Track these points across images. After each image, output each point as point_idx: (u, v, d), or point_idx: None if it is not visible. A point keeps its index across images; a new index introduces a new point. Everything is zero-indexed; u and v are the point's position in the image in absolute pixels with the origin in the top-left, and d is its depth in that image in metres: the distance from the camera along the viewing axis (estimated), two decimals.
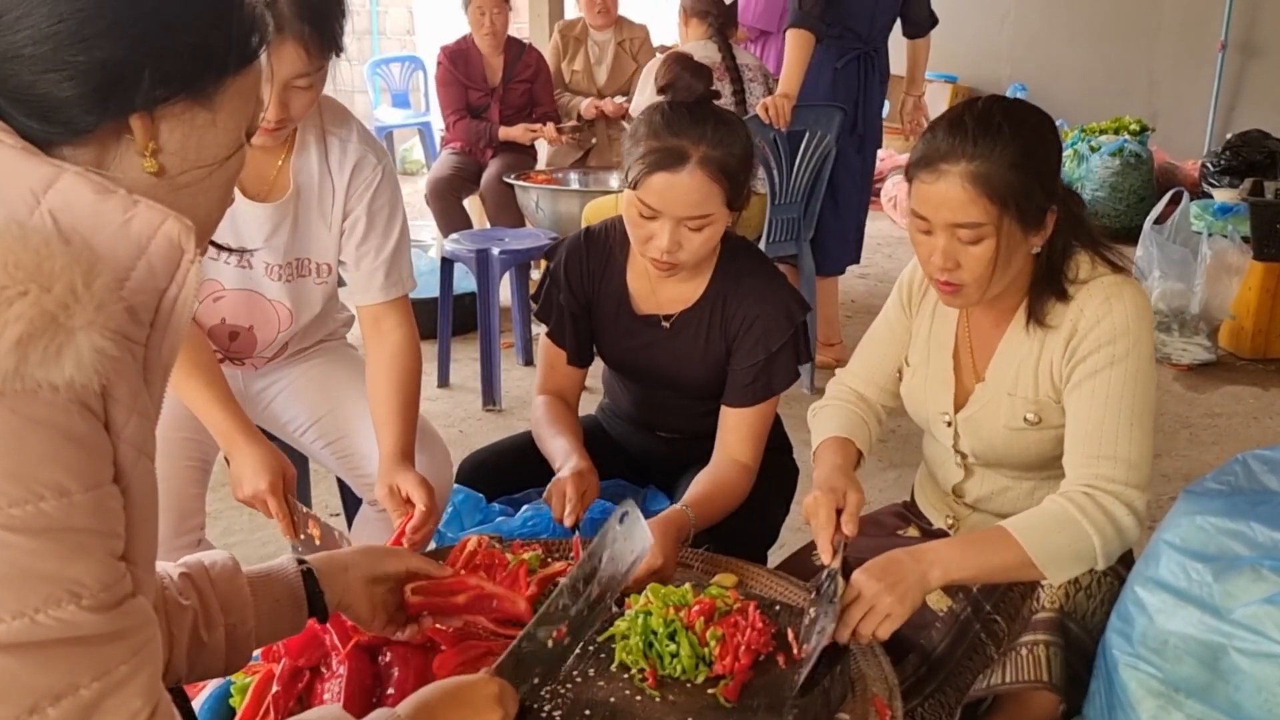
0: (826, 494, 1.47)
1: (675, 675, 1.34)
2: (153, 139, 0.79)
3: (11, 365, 0.63)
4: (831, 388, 1.82)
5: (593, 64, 5.00)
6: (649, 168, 1.65)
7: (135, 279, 0.74)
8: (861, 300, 5.07)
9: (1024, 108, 1.49)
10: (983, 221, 1.40)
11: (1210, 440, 3.45)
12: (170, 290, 0.75)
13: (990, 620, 1.49)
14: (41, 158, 0.73)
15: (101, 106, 0.75)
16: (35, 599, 0.66)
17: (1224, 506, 1.19)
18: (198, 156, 0.82)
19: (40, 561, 0.66)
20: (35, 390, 0.65)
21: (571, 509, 1.64)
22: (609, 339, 1.94)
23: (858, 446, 1.68)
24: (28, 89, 0.73)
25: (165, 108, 0.78)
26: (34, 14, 0.73)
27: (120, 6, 0.75)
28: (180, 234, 0.74)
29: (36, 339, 0.64)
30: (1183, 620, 1.16)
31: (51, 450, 0.67)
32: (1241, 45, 6.77)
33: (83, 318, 0.66)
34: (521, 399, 3.67)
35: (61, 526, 0.67)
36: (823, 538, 1.44)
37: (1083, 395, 1.46)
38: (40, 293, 0.64)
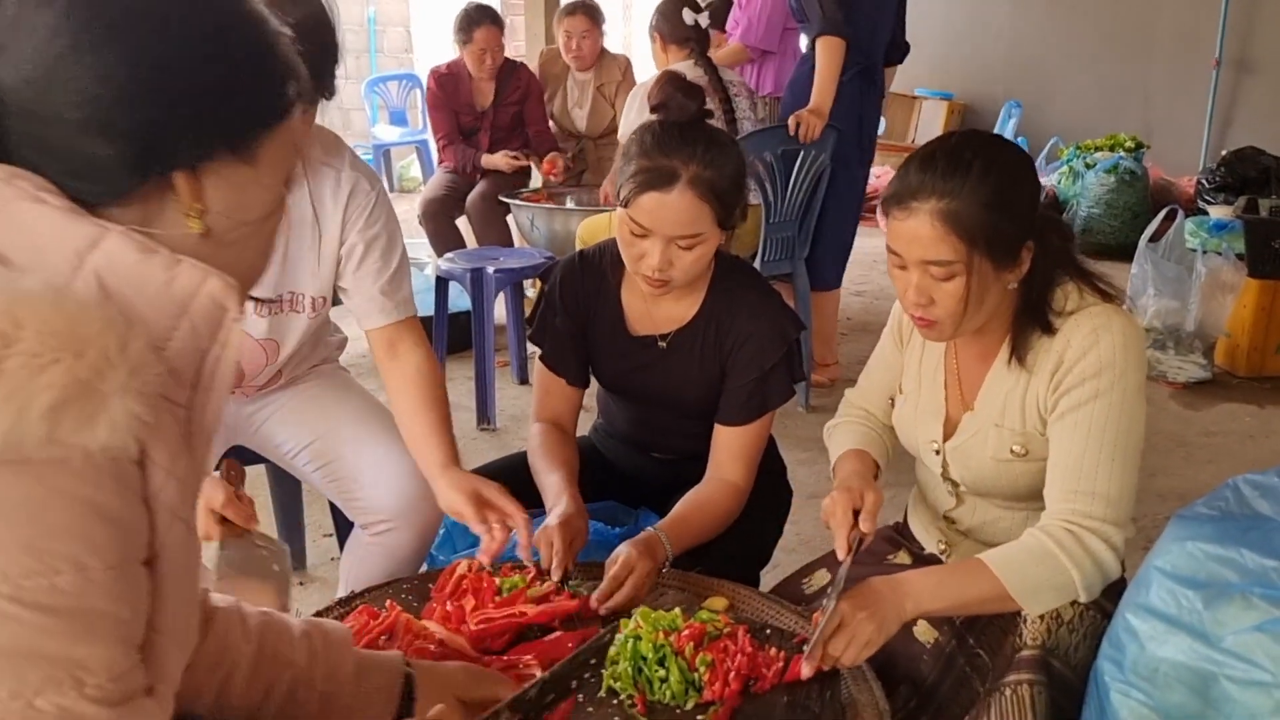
0: (844, 493, 1.51)
1: (664, 701, 1.34)
2: (198, 198, 0.78)
3: (43, 432, 0.63)
4: (843, 407, 1.83)
5: (571, 107, 4.94)
6: (639, 187, 1.65)
7: (178, 339, 0.73)
8: (857, 317, 5.07)
9: (998, 144, 1.48)
10: (953, 259, 1.40)
11: (1206, 459, 3.44)
12: (213, 350, 0.75)
13: (974, 654, 1.49)
14: (87, 218, 0.73)
15: (143, 166, 0.75)
16: (36, 680, 0.64)
17: (1214, 532, 1.18)
18: (243, 213, 0.82)
19: (46, 640, 0.64)
20: (66, 459, 0.64)
21: (559, 561, 1.60)
22: (605, 360, 1.94)
23: (874, 458, 1.70)
24: (70, 151, 0.73)
25: (207, 165, 0.78)
26: (74, 79, 0.72)
27: (157, 68, 0.75)
28: (222, 293, 0.74)
29: (69, 406, 0.63)
30: (1173, 648, 1.16)
31: (74, 523, 0.65)
32: (1236, 62, 6.80)
33: (116, 382, 0.65)
34: (516, 417, 3.66)
35: (74, 605, 0.65)
36: (840, 535, 1.47)
37: (1065, 428, 1.46)
38: (73, 359, 0.64)
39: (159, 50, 0.75)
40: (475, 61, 4.60)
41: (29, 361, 0.62)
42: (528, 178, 4.91)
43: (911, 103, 8.03)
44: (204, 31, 0.77)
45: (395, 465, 1.84)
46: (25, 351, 0.62)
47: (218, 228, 0.80)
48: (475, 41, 4.55)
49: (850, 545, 1.46)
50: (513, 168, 4.71)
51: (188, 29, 0.76)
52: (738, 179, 1.71)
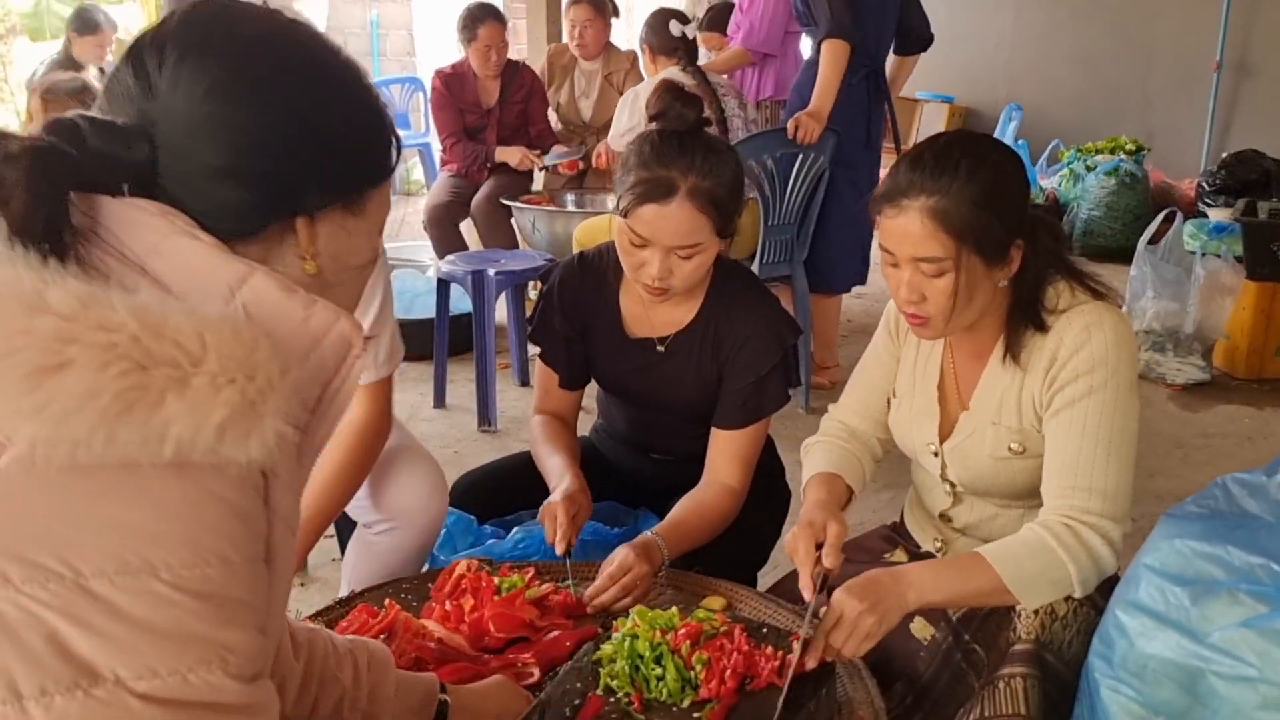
0: (805, 529, 1.48)
1: (661, 699, 1.35)
2: (312, 243, 0.87)
3: (211, 443, 0.70)
4: (824, 424, 1.82)
5: (578, 96, 4.96)
6: (638, 199, 1.66)
7: (307, 370, 0.80)
8: (858, 320, 5.07)
9: (987, 144, 1.50)
10: (942, 256, 1.42)
11: (1204, 460, 3.45)
12: (334, 382, 0.82)
13: (970, 649, 1.50)
14: (234, 256, 0.79)
15: (271, 211, 0.84)
16: (190, 658, 0.71)
17: (1202, 530, 1.20)
18: (348, 259, 0.91)
19: (200, 623, 0.72)
20: (221, 467, 0.72)
21: (563, 534, 1.65)
22: (603, 362, 1.96)
23: (846, 482, 1.68)
24: (209, 191, 0.82)
25: (325, 214, 0.87)
26: (221, 128, 0.81)
27: (293, 124, 0.84)
28: (350, 332, 0.82)
29: (235, 422, 0.71)
30: (1162, 644, 1.17)
31: (222, 522, 0.73)
32: (1236, 65, 6.81)
33: (273, 405, 0.73)
34: (517, 419, 3.68)
35: (222, 594, 0.73)
36: (804, 573, 1.45)
37: (1060, 424, 1.47)
38: (245, 382, 0.71)
39: (296, 108, 0.84)
40: (480, 58, 4.62)
41: (211, 381, 0.70)
42: (530, 180, 4.93)
43: (913, 105, 8.03)
44: (333, 94, 0.88)
45: (403, 465, 1.86)
46: (209, 372, 0.70)
47: (326, 270, 0.89)
48: (480, 38, 4.57)
49: (814, 582, 1.43)
50: (526, 165, 4.73)
51: (320, 91, 0.87)
52: (736, 187, 1.72)
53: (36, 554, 0.68)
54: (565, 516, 1.67)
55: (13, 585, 0.68)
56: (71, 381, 0.67)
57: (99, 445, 0.68)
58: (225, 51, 0.83)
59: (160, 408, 0.69)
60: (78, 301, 0.69)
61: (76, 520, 0.69)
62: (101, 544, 0.69)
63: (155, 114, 0.81)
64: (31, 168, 0.74)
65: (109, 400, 0.67)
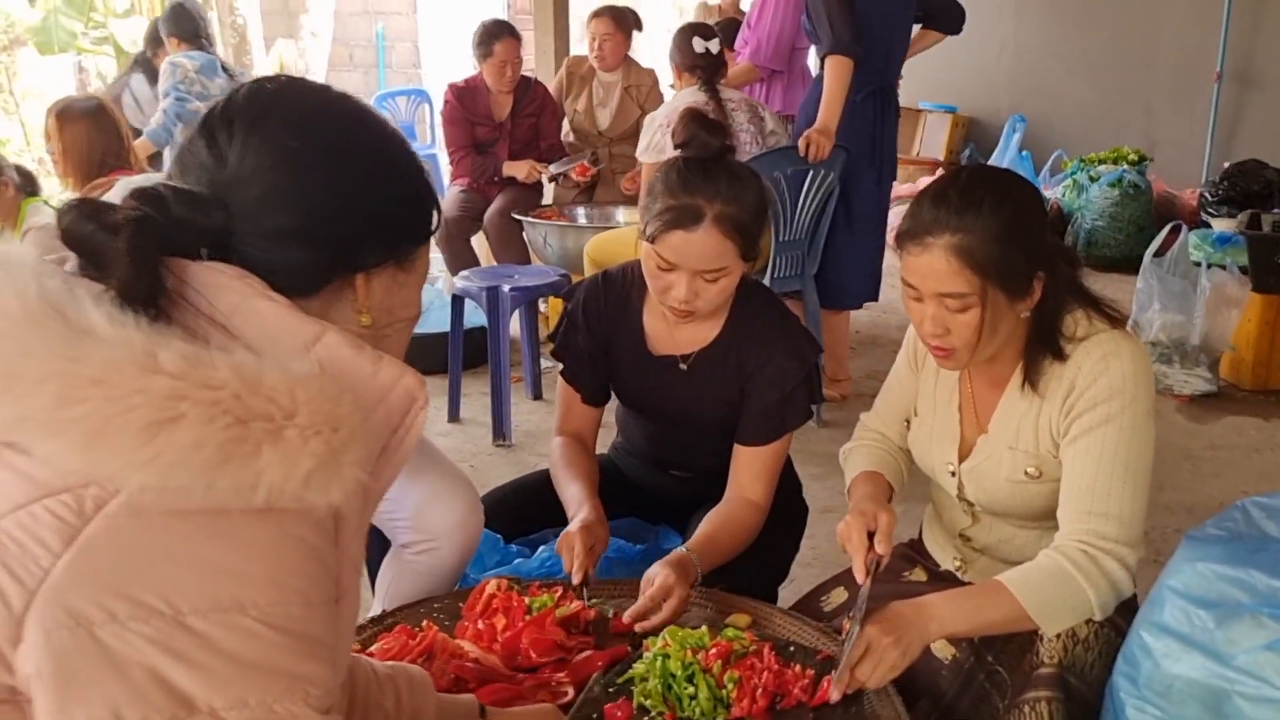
0: (857, 517, 1.55)
1: (694, 717, 1.38)
2: (368, 297, 0.95)
3: (298, 490, 0.76)
4: (858, 430, 1.87)
5: (595, 105, 5.00)
6: (666, 225, 1.70)
7: (375, 420, 0.85)
8: (866, 332, 5.11)
9: (1008, 179, 1.54)
10: (967, 292, 1.45)
11: (1212, 472, 3.48)
12: (399, 432, 0.86)
13: (993, 670, 1.53)
14: (306, 316, 0.85)
15: (333, 270, 0.92)
16: (276, 690, 0.77)
17: (1224, 553, 1.23)
18: (399, 312, 0.99)
19: (284, 657, 0.77)
20: (305, 512, 0.78)
21: (579, 565, 1.66)
22: (625, 379, 1.99)
23: (888, 480, 1.74)
24: (276, 252, 0.89)
25: (379, 271, 0.95)
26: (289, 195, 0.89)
27: (352, 193, 0.92)
28: (415, 386, 0.88)
29: (321, 471, 0.76)
30: (1187, 665, 1.20)
31: (303, 563, 0.79)
32: (1237, 76, 6.85)
33: (354, 455, 0.78)
34: (531, 433, 3.71)
35: (303, 631, 0.78)
36: (857, 559, 1.51)
37: (1078, 451, 1.51)
38: (330, 433, 0.77)
39: (356, 177, 0.92)
40: (495, 74, 4.66)
41: (301, 433, 0.75)
42: (541, 194, 4.96)
43: (916, 116, 8.08)
44: (387, 163, 0.96)
45: (442, 485, 1.89)
46: (300, 424, 0.75)
47: (379, 323, 0.96)
48: (496, 54, 4.61)
49: (868, 568, 1.50)
50: (533, 178, 4.76)
51: (376, 160, 0.95)
52: (759, 212, 1.76)
53: (140, 592, 0.73)
54: (582, 548, 1.68)
55: (119, 621, 0.73)
56: (181, 435, 0.72)
57: (199, 492, 0.73)
58: (289, 126, 0.90)
59: (256, 458, 0.74)
60: (185, 361, 0.74)
61: (176, 561, 0.74)
62: (197, 583, 0.74)
63: (227, 183, 0.88)
64: (133, 237, 0.80)
65: (212, 451, 0.72)
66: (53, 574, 0.72)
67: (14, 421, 0.72)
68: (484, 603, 1.61)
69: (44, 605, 0.72)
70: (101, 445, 0.71)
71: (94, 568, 0.73)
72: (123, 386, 0.71)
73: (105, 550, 0.73)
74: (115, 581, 0.73)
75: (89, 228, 0.81)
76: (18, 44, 8.79)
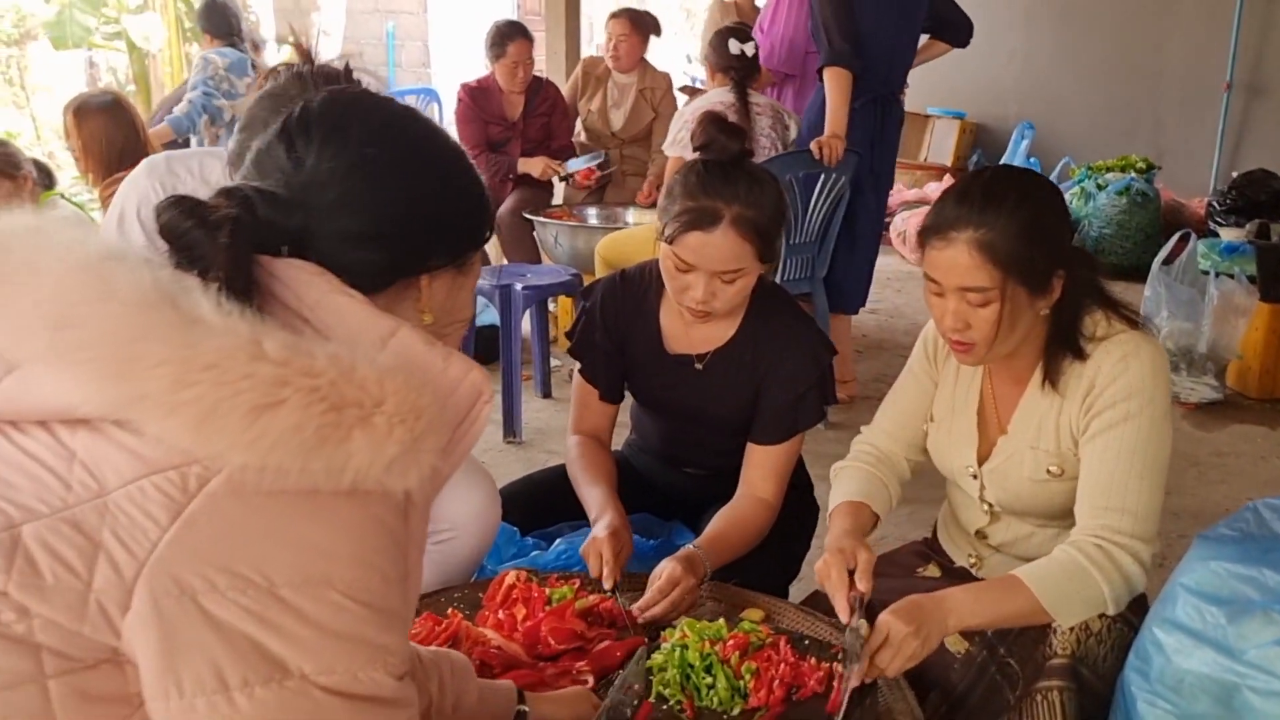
0: (836, 555, 1.54)
1: (712, 707, 1.41)
2: (430, 298, 1.00)
3: (382, 475, 0.80)
4: (855, 445, 1.87)
5: (610, 106, 5.03)
6: (684, 227, 1.73)
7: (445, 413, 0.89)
8: (873, 336, 5.14)
9: (1030, 179, 1.57)
10: (989, 286, 1.48)
11: (1218, 479, 3.50)
12: (465, 424, 0.91)
13: (1005, 663, 1.55)
14: (381, 312, 0.91)
15: (401, 271, 0.97)
16: (360, 658, 0.82)
17: (1236, 552, 1.26)
18: (455, 313, 1.05)
19: (368, 629, 0.82)
20: (386, 494, 0.83)
21: (609, 572, 1.68)
22: (641, 377, 2.01)
23: (873, 509, 1.73)
24: (348, 256, 0.94)
25: (441, 273, 1.00)
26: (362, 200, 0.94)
27: (423, 197, 0.98)
28: (482, 382, 0.92)
29: (404, 457, 0.81)
30: (1198, 660, 1.23)
31: (383, 543, 0.84)
32: (1246, 86, 6.88)
33: (432, 444, 0.83)
34: (541, 431, 3.74)
35: (383, 605, 0.83)
36: (839, 599, 1.50)
37: (1096, 448, 1.53)
38: (414, 422, 0.82)
39: (426, 185, 0.99)
40: (508, 74, 4.69)
41: (388, 420, 0.80)
42: (551, 194, 4.99)
43: (924, 121, 8.10)
44: (451, 170, 1.02)
45: (461, 476, 1.91)
46: (387, 412, 0.80)
47: (439, 322, 1.02)
48: (509, 55, 4.65)
49: (851, 605, 1.49)
50: (548, 174, 4.79)
51: (444, 169, 1.01)
52: (777, 215, 1.79)
53: (238, 565, 0.78)
54: (610, 554, 1.69)
55: (219, 591, 0.78)
56: (283, 418, 0.77)
57: (294, 473, 0.78)
58: (365, 135, 0.96)
59: (347, 442, 0.79)
60: (287, 350, 0.79)
61: (270, 538, 0.80)
62: (290, 558, 0.80)
63: (304, 186, 0.94)
64: (233, 233, 0.86)
65: (310, 434, 0.77)
66: (160, 546, 0.77)
67: (133, 400, 0.76)
68: (504, 593, 1.64)
69: (152, 574, 0.77)
70: (210, 426, 0.76)
71: (197, 541, 0.78)
72: (232, 372, 0.76)
73: (207, 525, 0.78)
74: (216, 555, 0.78)
75: (187, 224, 0.86)
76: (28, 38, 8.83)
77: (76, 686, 0.78)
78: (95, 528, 0.78)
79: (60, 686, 0.77)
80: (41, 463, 0.80)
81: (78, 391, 0.77)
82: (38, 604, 0.77)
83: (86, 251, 0.80)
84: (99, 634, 0.78)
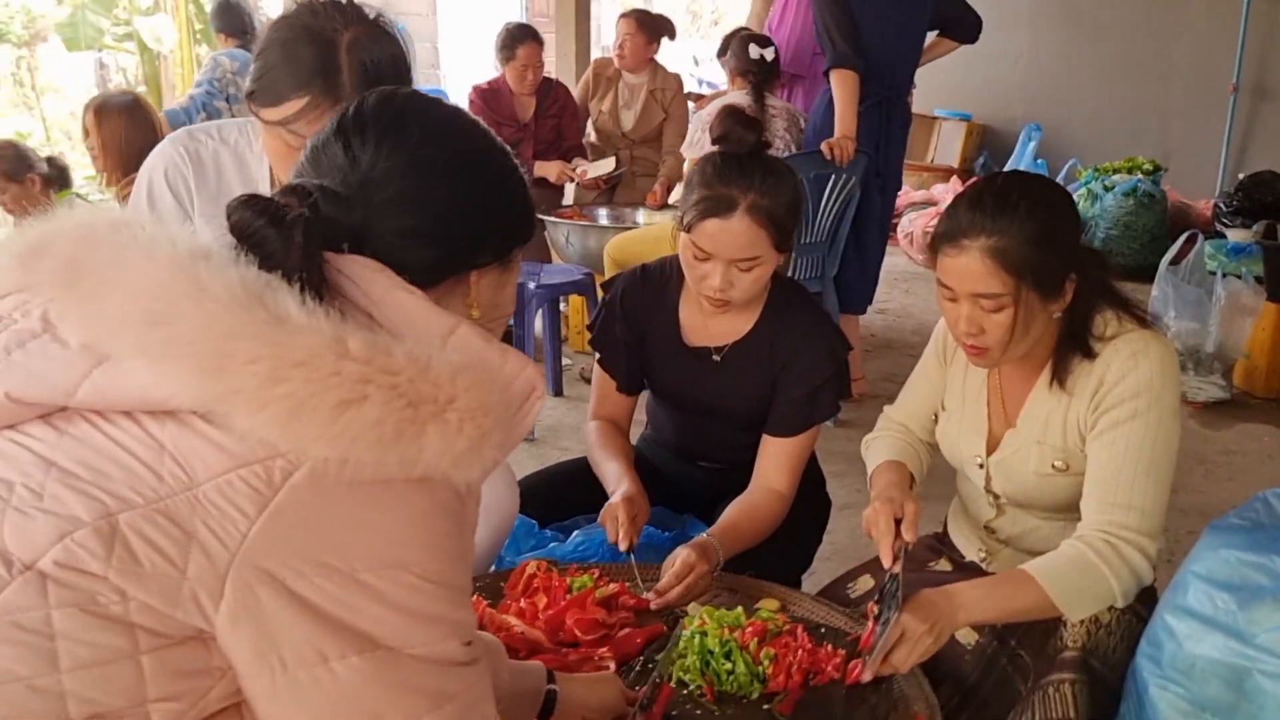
0: (885, 504, 1.59)
1: (731, 691, 1.44)
2: (478, 294, 1.04)
3: (450, 467, 0.85)
4: (881, 421, 1.92)
5: (620, 107, 5.06)
6: (701, 214, 1.77)
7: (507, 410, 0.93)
8: (881, 335, 5.16)
9: (1042, 184, 1.59)
10: (1002, 292, 1.50)
11: (1225, 476, 3.53)
12: (517, 416, 0.94)
13: (1016, 655, 1.58)
14: (440, 308, 0.94)
15: (453, 267, 1.01)
16: (438, 633, 0.88)
17: (1247, 541, 1.29)
18: (499, 309, 1.09)
19: (442, 606, 0.88)
20: (449, 484, 0.87)
21: (625, 533, 1.74)
22: (659, 369, 2.05)
23: (910, 470, 1.79)
24: (404, 252, 0.97)
25: (489, 269, 1.04)
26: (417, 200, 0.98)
27: (474, 198, 1.01)
28: (536, 377, 0.95)
29: (470, 453, 0.85)
30: (1209, 645, 1.26)
31: (449, 528, 0.89)
32: (1253, 88, 6.89)
33: (495, 439, 0.87)
34: (553, 428, 3.77)
35: (454, 584, 0.90)
36: (884, 545, 1.55)
37: (1104, 445, 1.56)
38: (483, 418, 0.86)
39: (479, 184, 1.02)
40: (517, 77, 4.73)
41: (459, 417, 0.84)
42: (562, 194, 5.03)
43: (931, 123, 8.12)
44: (500, 171, 1.06)
45: None
46: (459, 409, 0.84)
47: (485, 317, 1.06)
48: (519, 58, 4.68)
49: (895, 554, 1.54)
50: (564, 178, 4.83)
51: (494, 169, 1.05)
52: (794, 205, 1.82)
53: (321, 553, 0.83)
54: (626, 517, 1.77)
55: (306, 577, 0.83)
56: (365, 413, 0.81)
57: (371, 465, 0.82)
58: (421, 135, 1.00)
59: (422, 436, 0.83)
60: (369, 348, 0.83)
61: (349, 526, 0.84)
62: (368, 545, 0.84)
63: (360, 183, 0.97)
64: (305, 231, 0.90)
65: (389, 429, 0.81)
66: (249, 537, 0.81)
67: (226, 395, 0.80)
68: (525, 582, 1.67)
69: (242, 564, 0.81)
70: (299, 420, 0.80)
71: (283, 532, 0.82)
72: (321, 369, 0.81)
73: (292, 516, 0.82)
74: (301, 544, 0.83)
75: (259, 222, 0.89)
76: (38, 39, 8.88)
77: (166, 661, 0.82)
78: (188, 519, 0.81)
79: (152, 661, 0.81)
80: (132, 453, 0.83)
81: (171, 385, 0.81)
82: (135, 588, 0.80)
83: (176, 250, 0.84)
84: (190, 618, 0.82)
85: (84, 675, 0.79)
